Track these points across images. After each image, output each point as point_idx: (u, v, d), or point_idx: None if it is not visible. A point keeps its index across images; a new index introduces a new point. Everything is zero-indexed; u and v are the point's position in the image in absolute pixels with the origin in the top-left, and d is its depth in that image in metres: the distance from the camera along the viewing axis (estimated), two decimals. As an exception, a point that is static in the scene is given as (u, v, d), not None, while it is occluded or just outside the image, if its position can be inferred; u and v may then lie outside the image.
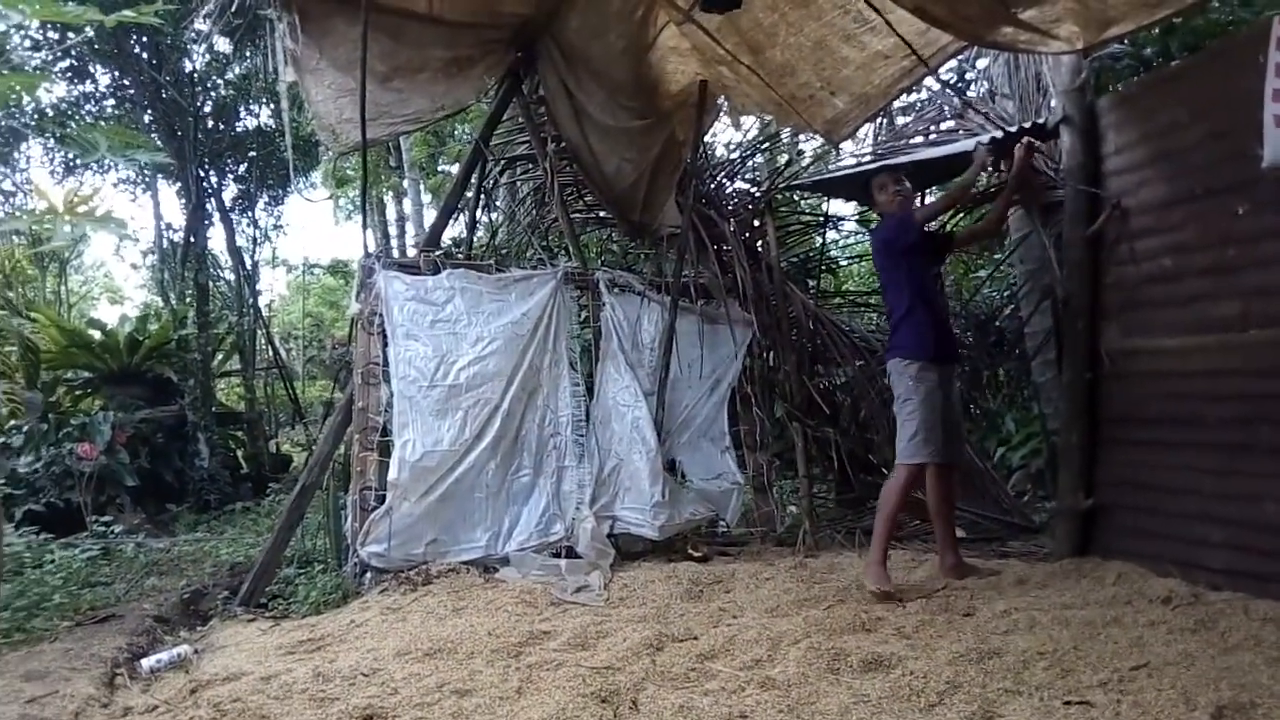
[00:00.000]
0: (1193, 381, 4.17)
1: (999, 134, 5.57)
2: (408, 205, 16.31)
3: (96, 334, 8.97)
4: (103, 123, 9.53)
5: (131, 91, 9.65)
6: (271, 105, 10.28)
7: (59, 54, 9.09)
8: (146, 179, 11.50)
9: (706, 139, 6.96)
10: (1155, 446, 4.35)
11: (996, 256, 7.99)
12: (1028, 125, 5.40)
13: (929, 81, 6.34)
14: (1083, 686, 2.76)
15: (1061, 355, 5.09)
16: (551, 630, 3.65)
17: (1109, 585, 3.98)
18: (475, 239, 7.16)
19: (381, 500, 4.62)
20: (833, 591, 4.10)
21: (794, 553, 5.13)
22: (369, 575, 4.53)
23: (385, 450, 4.71)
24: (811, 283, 7.57)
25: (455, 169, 8.98)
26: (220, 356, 10.59)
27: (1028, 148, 4.68)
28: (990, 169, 4.80)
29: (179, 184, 9.98)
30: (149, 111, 9.60)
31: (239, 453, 9.70)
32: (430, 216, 9.27)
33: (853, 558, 4.93)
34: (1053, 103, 5.42)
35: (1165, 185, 4.38)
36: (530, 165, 7.10)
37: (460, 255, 5.88)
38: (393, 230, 17.22)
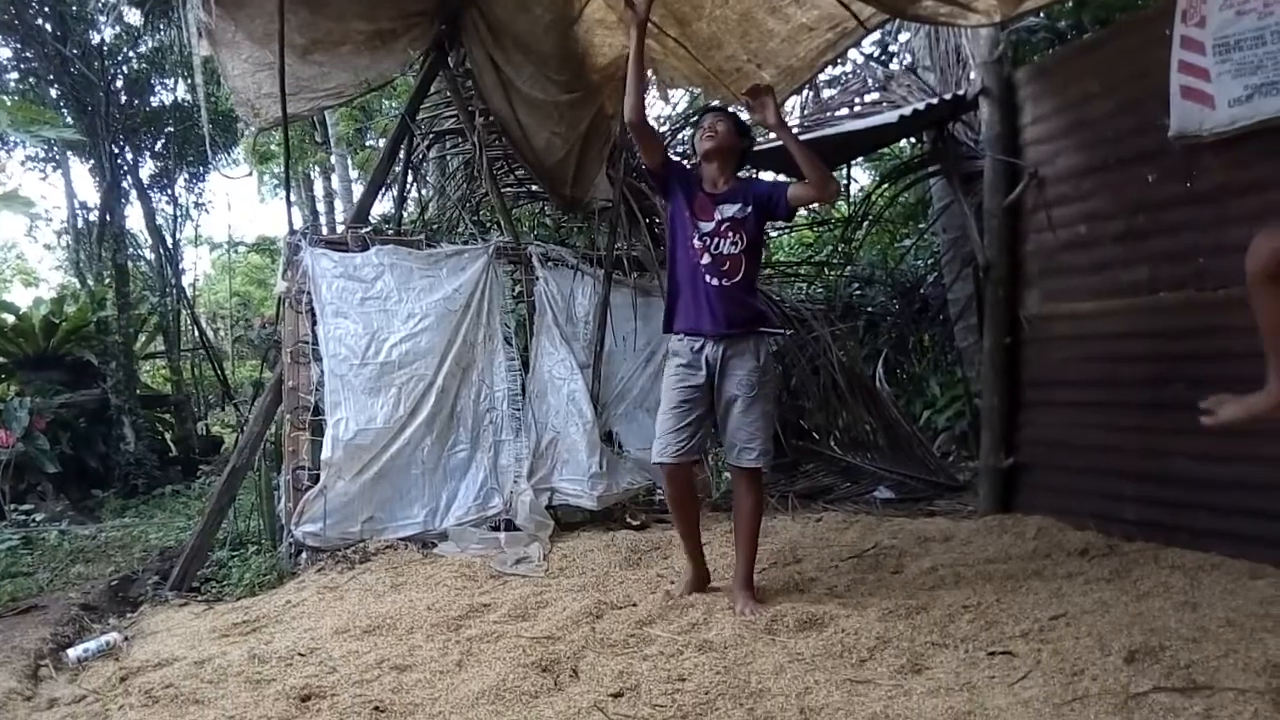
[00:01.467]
0: (1107, 344, 4.35)
1: (920, 106, 5.67)
2: (335, 181, 15.94)
3: (9, 318, 8.60)
4: (4, 98, 9.11)
5: (35, 65, 9.22)
6: (187, 79, 9.93)
7: (-48, 25, 8.66)
8: (56, 156, 11.03)
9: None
10: (1072, 407, 4.53)
11: (920, 225, 8.18)
12: (948, 97, 5.51)
13: (853, 55, 6.41)
14: (1005, 637, 2.89)
15: (983, 321, 5.25)
16: (491, 603, 3.66)
17: (1030, 539, 4.16)
18: (405, 214, 7.05)
19: (315, 479, 4.56)
20: (767, 554, 4.18)
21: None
22: (304, 555, 4.48)
23: (318, 429, 4.65)
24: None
25: (383, 143, 8.80)
26: (143, 338, 10.27)
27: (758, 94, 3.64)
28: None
29: (92, 161, 9.59)
30: (55, 86, 9.20)
31: (166, 435, 9.45)
32: (359, 192, 9.10)
33: (786, 521, 5.04)
34: (972, 75, 5.54)
35: (1080, 154, 4.53)
36: (459, 139, 7.01)
37: (390, 231, 5.79)
38: (321, 206, 16.83)
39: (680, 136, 8.19)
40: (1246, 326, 3.50)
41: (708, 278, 3.53)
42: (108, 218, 9.42)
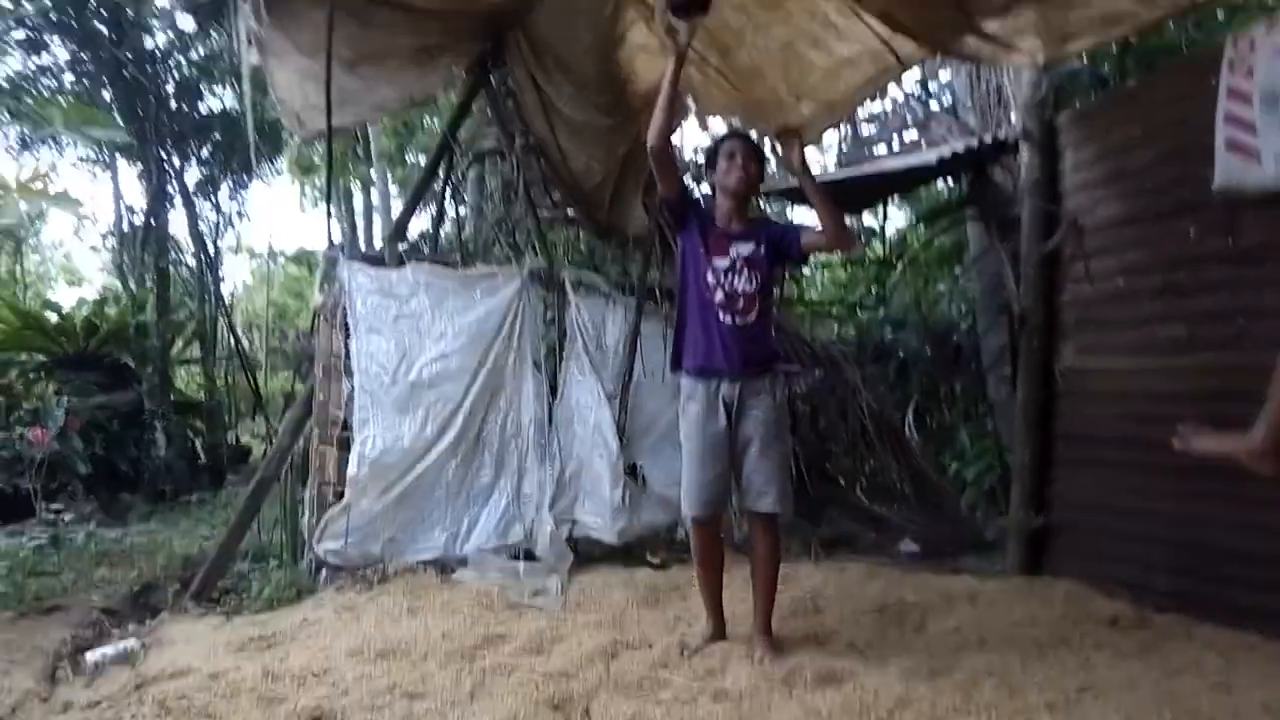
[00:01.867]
0: (1143, 403, 4.24)
1: (960, 147, 5.63)
2: (375, 196, 16.12)
3: (52, 317, 8.76)
4: (60, 98, 9.31)
5: (91, 67, 9.42)
6: (236, 87, 10.10)
7: (12, 23, 8.86)
8: (106, 158, 11.25)
9: (675, 141, 6.97)
10: (1106, 466, 4.43)
11: (955, 270, 8.11)
12: (988, 139, 5.46)
13: (893, 92, 6.40)
14: (1030, 707, 2.81)
15: (1016, 372, 5.16)
16: (507, 634, 3.65)
17: (1058, 604, 4.05)
18: (442, 233, 7.11)
19: (340, 496, 4.57)
20: (788, 602, 4.11)
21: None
22: (324, 572, 4.48)
23: (345, 445, 4.67)
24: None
25: (424, 160, 8.90)
26: (180, 344, 10.40)
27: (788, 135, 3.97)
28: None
29: (140, 165, 9.78)
30: (109, 89, 9.39)
31: (197, 442, 9.52)
32: (398, 208, 9.19)
33: (809, 568, 4.97)
34: (1013, 117, 5.49)
35: (1120, 204, 4.44)
36: (499, 159, 7.06)
37: (426, 249, 5.83)
38: (360, 221, 17.02)
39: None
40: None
41: (722, 315, 3.46)
42: (152, 222, 9.59)
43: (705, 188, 7.15)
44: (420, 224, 7.38)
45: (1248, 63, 3.62)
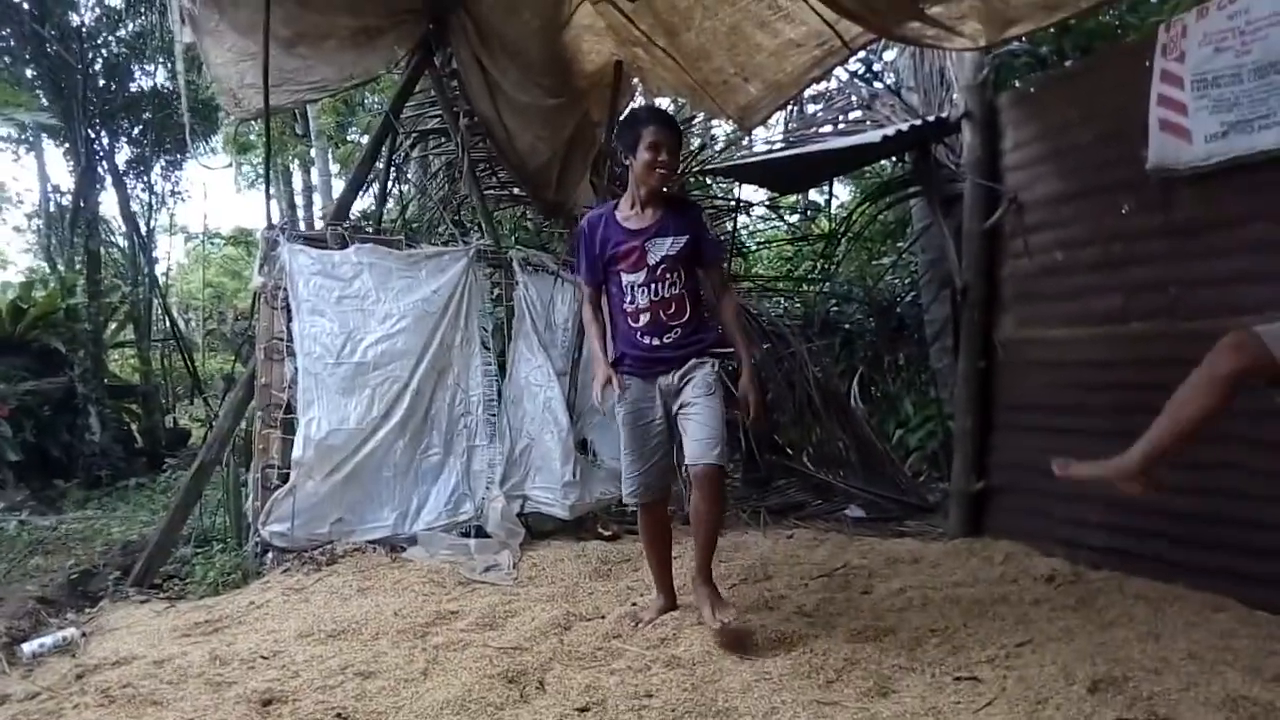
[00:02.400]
0: (1079, 371, 4.39)
1: (904, 127, 5.71)
2: (315, 175, 15.80)
3: (-26, 301, 8.48)
4: (-22, 77, 8.97)
5: (11, 44, 9.08)
6: (168, 65, 9.81)
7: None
8: (30, 138, 10.87)
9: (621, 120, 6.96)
10: (1043, 432, 4.56)
11: (899, 245, 8.24)
12: (931, 119, 5.55)
13: (838, 72, 6.45)
14: (972, 663, 2.91)
15: (958, 343, 5.28)
16: (459, 610, 3.64)
17: (998, 564, 4.19)
18: (385, 213, 7.01)
19: (285, 478, 4.50)
20: (737, 570, 4.19)
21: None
22: (271, 555, 4.42)
23: (289, 427, 4.60)
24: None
25: (365, 139, 8.75)
26: (113, 327, 10.13)
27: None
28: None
29: (67, 145, 9.46)
30: (32, 67, 9.06)
31: (133, 427, 9.31)
32: (339, 187, 9.04)
33: (757, 537, 5.05)
34: (955, 97, 5.59)
35: (1059, 181, 4.57)
36: (443, 139, 6.97)
37: (369, 229, 5.75)
38: (300, 200, 16.67)
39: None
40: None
41: (648, 340, 3.35)
42: (81, 203, 9.30)
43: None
44: (363, 204, 7.27)
45: (1179, 48, 3.78)
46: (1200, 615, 3.29)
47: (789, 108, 7.35)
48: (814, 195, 9.72)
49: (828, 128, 7.39)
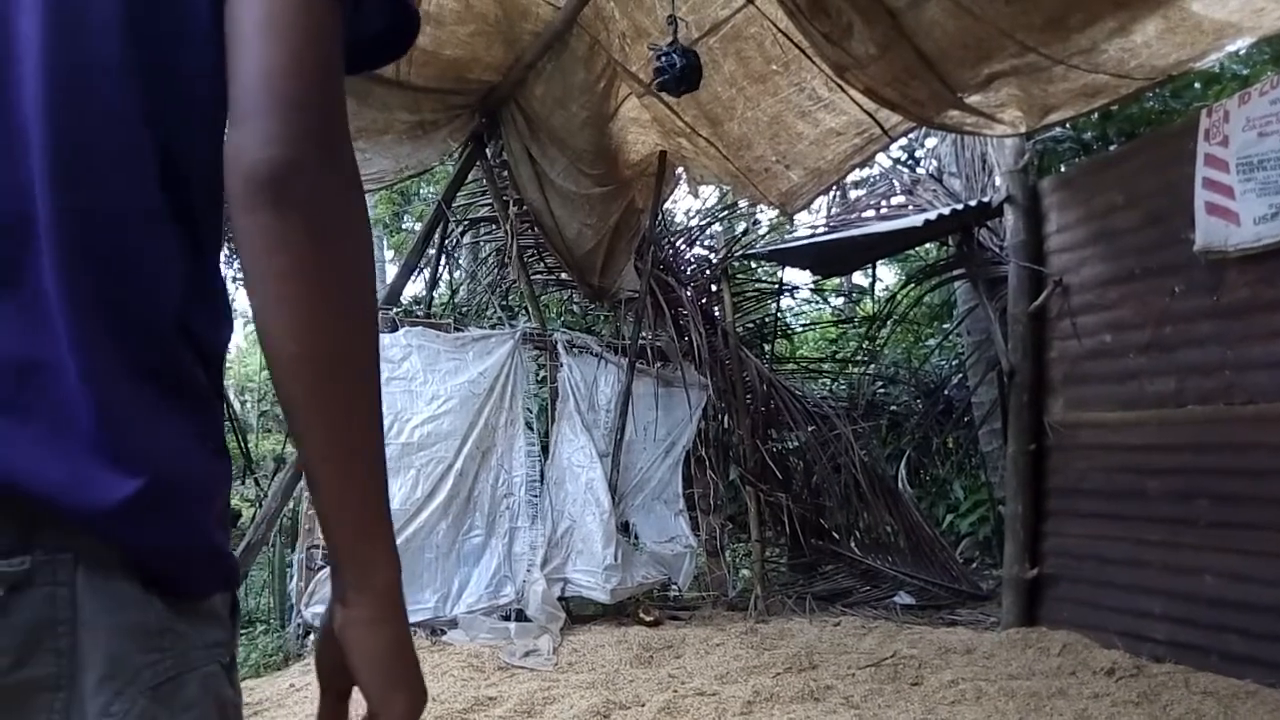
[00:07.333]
0: (1133, 455, 4.29)
1: (946, 211, 5.74)
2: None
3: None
4: None
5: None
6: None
7: None
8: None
9: (665, 206, 7.11)
10: (1098, 518, 4.44)
11: (945, 326, 8.19)
12: (974, 203, 5.58)
13: (880, 158, 6.55)
14: (1026, 758, 2.78)
15: (1007, 426, 5.20)
16: (498, 696, 3.59)
17: (1054, 656, 4.04)
18: (436, 297, 7.18)
19: (328, 559, 4.52)
20: (782, 658, 4.08)
21: (745, 618, 5.12)
22: (313, 637, 4.42)
23: (335, 508, 4.63)
24: (766, 348, 7.69)
25: (419, 226, 9.00)
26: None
27: None
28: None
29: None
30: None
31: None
32: (392, 273, 9.26)
33: (803, 623, 4.93)
34: (997, 181, 5.62)
35: (1104, 264, 4.55)
36: (493, 226, 7.16)
37: (420, 313, 5.89)
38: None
39: (708, 231, 8.35)
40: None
41: None
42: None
43: (683, 252, 7.30)
44: (414, 289, 7.46)
45: (1223, 132, 3.81)
46: (1275, 714, 3.12)
47: (831, 193, 7.46)
48: (858, 278, 9.75)
49: (870, 212, 7.46)
